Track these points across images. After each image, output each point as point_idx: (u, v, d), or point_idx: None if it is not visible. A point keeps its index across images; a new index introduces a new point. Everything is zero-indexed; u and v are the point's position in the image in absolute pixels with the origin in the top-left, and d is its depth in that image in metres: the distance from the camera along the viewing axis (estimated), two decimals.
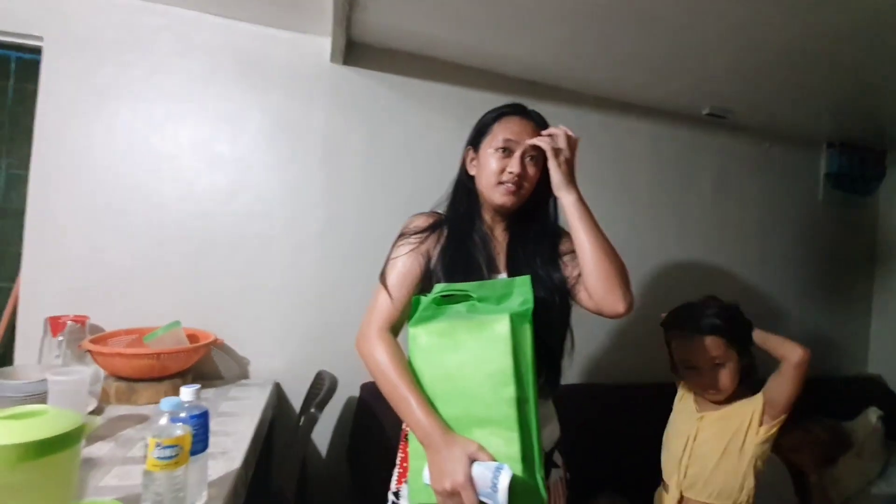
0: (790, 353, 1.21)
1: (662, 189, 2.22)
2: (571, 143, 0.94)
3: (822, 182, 2.51)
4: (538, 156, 0.96)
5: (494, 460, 0.77)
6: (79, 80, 1.52)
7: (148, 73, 1.58)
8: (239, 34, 1.64)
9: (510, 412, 0.76)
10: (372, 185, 1.77)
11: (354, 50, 1.74)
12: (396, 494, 0.97)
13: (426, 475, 0.81)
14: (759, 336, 1.28)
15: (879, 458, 1.83)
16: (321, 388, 1.40)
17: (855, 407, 2.10)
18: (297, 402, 1.68)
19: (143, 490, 0.75)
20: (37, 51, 1.52)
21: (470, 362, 0.79)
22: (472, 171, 1.01)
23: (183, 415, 0.85)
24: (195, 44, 1.61)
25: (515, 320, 0.78)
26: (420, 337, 0.84)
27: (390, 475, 1.03)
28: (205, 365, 1.58)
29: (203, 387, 1.46)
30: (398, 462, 1.01)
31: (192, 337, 1.50)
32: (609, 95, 2.07)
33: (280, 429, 1.64)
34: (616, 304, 0.89)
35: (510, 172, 0.93)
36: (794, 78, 1.78)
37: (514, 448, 0.76)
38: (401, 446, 1.01)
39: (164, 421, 0.82)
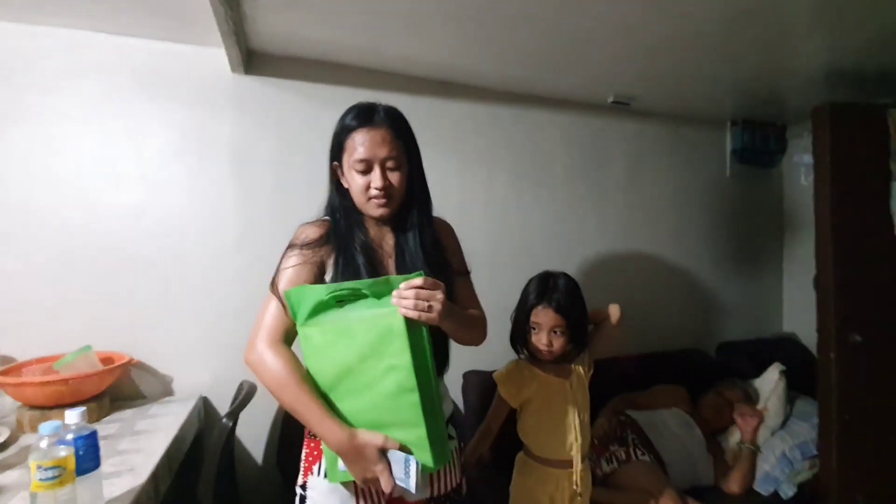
0: (613, 314, 1.40)
1: (579, 178, 2.32)
2: (428, 284, 0.85)
3: (729, 158, 2.68)
4: (398, 159, 0.98)
5: (401, 446, 0.83)
6: None
7: (41, 96, 1.55)
8: (134, 50, 1.63)
9: (416, 413, 0.82)
10: (288, 192, 1.78)
11: (256, 59, 1.75)
12: (303, 487, 1.00)
13: (342, 464, 0.86)
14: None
15: (781, 411, 1.98)
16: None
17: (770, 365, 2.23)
18: None
19: None
20: None
21: (370, 356, 0.82)
22: (346, 185, 1.03)
23: (70, 437, 0.88)
24: (88, 63, 1.59)
25: None
26: (314, 336, 0.84)
27: None
28: (124, 386, 1.57)
29: (123, 407, 1.51)
30: (303, 457, 1.03)
31: (108, 359, 1.49)
32: (519, 90, 2.15)
33: (210, 442, 1.65)
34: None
35: (375, 188, 0.96)
36: (688, 63, 1.86)
37: (424, 442, 0.83)
38: (305, 442, 1.03)
39: (44, 444, 0.84)
